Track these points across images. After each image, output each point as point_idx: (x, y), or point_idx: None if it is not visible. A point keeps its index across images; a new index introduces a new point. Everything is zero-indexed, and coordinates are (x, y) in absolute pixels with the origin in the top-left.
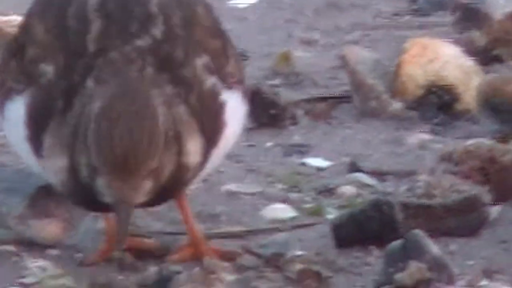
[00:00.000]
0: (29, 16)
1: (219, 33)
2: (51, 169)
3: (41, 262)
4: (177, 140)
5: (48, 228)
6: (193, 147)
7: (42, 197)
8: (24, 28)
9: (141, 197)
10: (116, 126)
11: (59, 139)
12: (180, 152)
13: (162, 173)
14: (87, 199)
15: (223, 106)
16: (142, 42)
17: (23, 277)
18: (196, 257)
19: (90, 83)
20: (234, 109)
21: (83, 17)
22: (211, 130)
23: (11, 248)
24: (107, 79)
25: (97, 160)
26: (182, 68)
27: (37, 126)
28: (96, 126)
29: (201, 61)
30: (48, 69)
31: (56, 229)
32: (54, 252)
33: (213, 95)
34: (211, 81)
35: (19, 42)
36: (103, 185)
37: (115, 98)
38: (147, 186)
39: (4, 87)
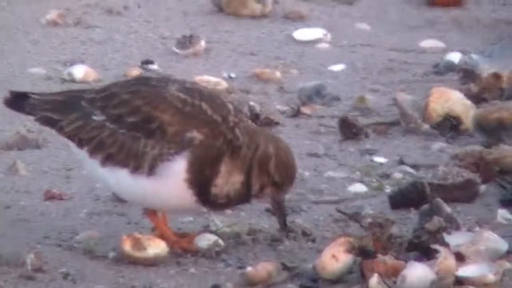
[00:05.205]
0: (154, 109)
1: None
2: (229, 183)
3: (220, 217)
4: None
5: None
6: None
7: None
8: (152, 118)
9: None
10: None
11: (235, 166)
12: None
13: None
14: (241, 201)
15: None
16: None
17: (208, 226)
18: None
19: (239, 134)
20: None
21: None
22: None
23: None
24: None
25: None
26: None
27: (201, 170)
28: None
29: None
30: (196, 135)
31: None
32: (228, 212)
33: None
34: None
35: (150, 129)
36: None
37: (275, 143)
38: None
39: (147, 158)
